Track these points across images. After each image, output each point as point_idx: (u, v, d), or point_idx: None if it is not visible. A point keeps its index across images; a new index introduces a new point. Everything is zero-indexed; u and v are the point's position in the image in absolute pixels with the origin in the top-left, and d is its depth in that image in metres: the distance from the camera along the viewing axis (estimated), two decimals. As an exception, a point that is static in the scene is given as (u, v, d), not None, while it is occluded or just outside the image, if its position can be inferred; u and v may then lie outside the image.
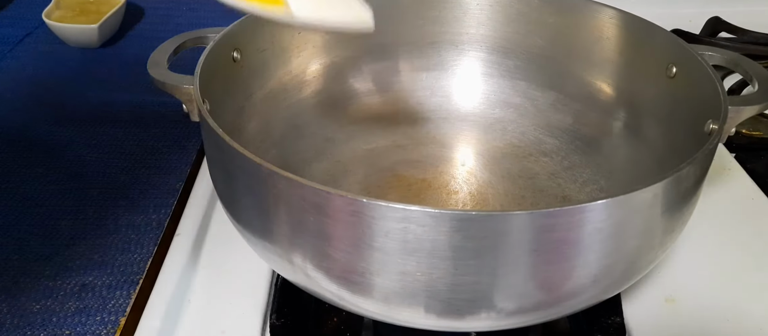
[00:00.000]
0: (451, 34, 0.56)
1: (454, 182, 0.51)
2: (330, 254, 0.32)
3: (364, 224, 0.30)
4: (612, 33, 0.50)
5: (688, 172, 0.34)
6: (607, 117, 0.51)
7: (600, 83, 0.52)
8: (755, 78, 0.42)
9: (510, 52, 0.55)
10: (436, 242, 0.30)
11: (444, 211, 0.29)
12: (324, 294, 0.35)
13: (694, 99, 0.43)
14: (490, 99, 0.56)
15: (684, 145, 0.42)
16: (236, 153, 0.33)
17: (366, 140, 0.54)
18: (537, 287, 0.32)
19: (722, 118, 0.38)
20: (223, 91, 0.44)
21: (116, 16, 0.76)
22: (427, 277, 0.31)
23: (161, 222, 0.50)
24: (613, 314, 0.42)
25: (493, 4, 0.54)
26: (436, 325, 0.34)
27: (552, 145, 0.53)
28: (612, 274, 0.34)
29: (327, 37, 0.52)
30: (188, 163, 0.57)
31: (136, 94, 0.66)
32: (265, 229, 0.35)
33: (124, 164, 0.56)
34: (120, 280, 0.45)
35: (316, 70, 0.53)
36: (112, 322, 0.42)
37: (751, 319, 0.43)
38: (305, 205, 0.31)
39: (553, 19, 0.53)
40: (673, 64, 0.45)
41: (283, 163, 0.48)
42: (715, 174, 0.55)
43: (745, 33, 0.74)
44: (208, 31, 0.45)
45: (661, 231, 0.35)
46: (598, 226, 0.31)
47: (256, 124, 0.48)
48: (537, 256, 0.31)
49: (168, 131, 0.61)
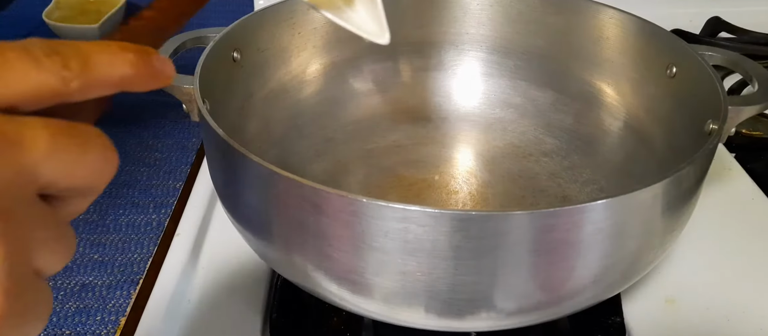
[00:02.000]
0: (451, 34, 0.56)
1: (454, 182, 0.51)
2: (330, 254, 0.32)
3: (364, 224, 0.30)
4: (612, 33, 0.50)
5: (688, 172, 0.34)
6: (607, 117, 0.51)
7: (600, 83, 0.52)
8: (755, 78, 0.42)
9: (510, 52, 0.55)
10: (436, 242, 0.30)
11: (444, 211, 0.29)
12: (324, 294, 0.35)
13: (694, 99, 0.43)
14: (490, 99, 0.56)
15: (684, 145, 0.42)
16: (236, 153, 0.33)
17: (366, 140, 0.54)
18: (537, 287, 0.32)
19: (722, 118, 0.38)
20: (223, 91, 0.44)
21: (116, 16, 0.76)
22: (428, 277, 0.31)
23: (161, 222, 0.50)
24: (613, 314, 0.42)
25: (493, 4, 0.54)
26: (436, 325, 0.34)
27: (552, 145, 0.53)
28: (612, 274, 0.34)
29: (327, 37, 0.52)
30: (188, 163, 0.57)
31: (136, 94, 0.66)
32: (265, 229, 0.35)
33: (124, 164, 0.56)
34: (120, 280, 0.45)
35: (316, 70, 0.53)
36: (112, 322, 0.42)
37: (751, 319, 0.43)
38: (305, 205, 0.31)
39: (553, 19, 0.53)
40: (673, 64, 0.45)
41: (283, 163, 0.48)
42: (715, 174, 0.55)
43: (745, 33, 0.73)
44: (208, 31, 0.45)
45: (661, 231, 0.35)
46: (598, 226, 0.31)
47: (256, 124, 0.48)
48: (537, 256, 0.31)
49: (168, 131, 0.61)
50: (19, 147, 0.19)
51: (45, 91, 0.20)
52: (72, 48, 0.21)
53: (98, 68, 0.21)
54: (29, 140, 0.19)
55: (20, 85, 0.20)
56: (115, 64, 0.22)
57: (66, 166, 0.20)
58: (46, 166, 0.20)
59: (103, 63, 0.21)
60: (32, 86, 0.20)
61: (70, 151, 0.20)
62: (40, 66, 0.20)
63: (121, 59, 0.22)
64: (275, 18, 0.49)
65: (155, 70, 0.23)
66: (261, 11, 0.48)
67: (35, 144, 0.19)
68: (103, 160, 0.21)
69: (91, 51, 0.21)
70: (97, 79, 0.21)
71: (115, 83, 0.22)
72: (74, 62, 0.20)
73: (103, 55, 0.21)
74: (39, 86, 0.20)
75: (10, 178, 0.19)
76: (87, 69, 0.21)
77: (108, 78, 0.22)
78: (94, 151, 0.21)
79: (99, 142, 0.21)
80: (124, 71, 0.22)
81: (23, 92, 0.20)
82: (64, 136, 0.20)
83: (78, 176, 0.21)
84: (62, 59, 0.20)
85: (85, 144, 0.21)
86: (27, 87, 0.20)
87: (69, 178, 0.20)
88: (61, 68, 0.20)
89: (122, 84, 0.22)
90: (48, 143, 0.19)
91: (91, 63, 0.21)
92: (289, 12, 0.49)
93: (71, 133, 0.20)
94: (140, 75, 0.23)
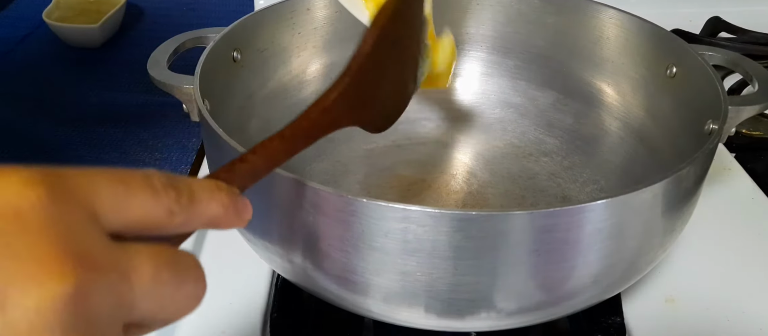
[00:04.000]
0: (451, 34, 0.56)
1: (454, 182, 0.51)
2: (330, 254, 0.32)
3: (364, 224, 0.30)
4: (612, 33, 0.50)
5: (688, 172, 0.34)
6: (607, 117, 0.51)
7: (600, 83, 0.52)
8: (755, 78, 0.42)
9: (510, 52, 0.55)
10: (436, 242, 0.30)
11: (444, 211, 0.29)
12: (324, 294, 0.35)
13: (694, 99, 0.43)
14: (490, 99, 0.56)
15: (684, 145, 0.42)
16: (236, 153, 0.33)
17: (366, 140, 0.54)
18: (537, 287, 0.32)
19: (722, 118, 0.38)
20: (223, 91, 0.44)
21: (116, 16, 0.76)
22: (428, 277, 0.31)
23: (161, 222, 0.50)
24: (613, 314, 0.42)
25: (493, 4, 0.54)
26: (436, 325, 0.34)
27: (552, 145, 0.53)
28: (612, 274, 0.34)
29: (327, 37, 0.52)
30: (188, 163, 0.57)
31: (136, 94, 0.66)
32: (265, 229, 0.35)
33: (124, 164, 0.56)
34: (120, 280, 0.45)
35: (316, 70, 0.53)
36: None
37: (751, 319, 0.43)
38: (305, 205, 0.31)
39: (553, 19, 0.53)
40: (673, 64, 0.45)
41: (283, 163, 0.48)
42: (715, 174, 0.55)
43: (745, 33, 0.73)
44: (208, 31, 0.45)
45: (661, 231, 0.35)
46: (598, 226, 0.31)
47: (256, 124, 0.48)
48: (537, 256, 0.31)
49: (168, 131, 0.61)
50: (126, 279, 0.18)
51: (152, 222, 0.20)
52: (184, 183, 0.21)
53: (198, 205, 0.21)
54: (135, 273, 0.18)
55: (137, 214, 0.19)
56: (211, 204, 0.21)
57: (162, 300, 0.19)
58: (144, 300, 0.19)
59: (203, 201, 0.21)
60: (146, 217, 0.19)
61: (169, 286, 0.19)
62: (158, 198, 0.20)
63: (217, 200, 0.22)
64: (275, 18, 0.49)
65: (239, 212, 0.23)
66: (261, 11, 0.48)
67: (140, 278, 0.18)
68: (194, 294, 0.20)
69: (196, 187, 0.21)
70: (196, 216, 0.21)
71: (206, 221, 0.22)
72: (185, 198, 0.20)
73: (204, 193, 0.21)
74: (151, 217, 0.20)
75: (108, 311, 0.18)
76: (191, 206, 0.21)
77: (203, 216, 0.21)
78: (190, 285, 0.20)
79: (194, 274, 0.20)
80: (216, 212, 0.22)
81: (136, 221, 0.19)
82: (167, 270, 0.19)
83: (168, 311, 0.20)
84: (176, 194, 0.20)
85: (183, 279, 0.20)
86: (141, 216, 0.19)
87: (159, 312, 0.20)
88: (173, 203, 0.20)
89: (211, 223, 0.22)
90: (151, 278, 0.19)
91: (194, 200, 0.21)
92: (289, 12, 0.49)
93: (173, 267, 0.20)
94: (227, 216, 0.22)
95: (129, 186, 0.19)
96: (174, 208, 0.20)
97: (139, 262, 0.19)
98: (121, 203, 0.19)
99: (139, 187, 0.19)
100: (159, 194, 0.20)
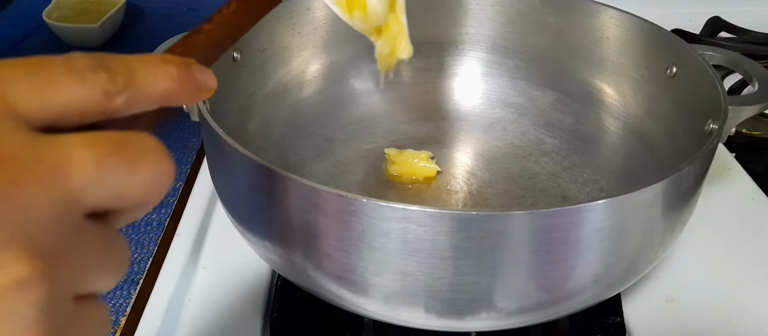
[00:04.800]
0: (451, 34, 0.56)
1: (454, 182, 0.51)
2: (330, 254, 0.32)
3: (364, 224, 0.30)
4: (612, 33, 0.50)
5: (688, 172, 0.34)
6: (607, 117, 0.51)
7: (600, 83, 0.52)
8: (755, 78, 0.42)
9: (510, 52, 0.55)
10: (436, 242, 0.30)
11: (444, 211, 0.29)
12: (324, 294, 0.35)
13: (694, 99, 0.43)
14: (490, 99, 0.56)
15: (684, 145, 0.42)
16: (236, 153, 0.33)
17: (366, 140, 0.54)
18: (537, 287, 0.32)
19: (722, 118, 0.38)
20: (223, 91, 0.44)
21: (116, 16, 0.76)
22: (428, 277, 0.31)
23: (161, 222, 0.50)
24: (613, 314, 0.42)
25: (493, 4, 0.54)
26: (436, 325, 0.34)
27: (552, 145, 0.53)
28: (612, 274, 0.34)
29: (327, 37, 0.52)
30: (188, 163, 0.57)
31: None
32: (265, 229, 0.35)
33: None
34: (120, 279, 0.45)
35: (316, 70, 0.53)
36: (112, 322, 0.42)
37: (751, 319, 0.43)
38: (305, 204, 0.31)
39: (553, 19, 0.53)
40: (673, 64, 0.45)
41: (283, 163, 0.49)
42: (715, 174, 0.55)
43: (745, 33, 0.73)
44: (208, 31, 0.45)
45: (661, 231, 0.35)
46: (598, 226, 0.31)
47: (256, 124, 0.48)
48: (537, 256, 0.31)
49: (168, 131, 0.61)
50: (61, 173, 0.17)
51: (89, 107, 0.19)
52: (117, 62, 0.20)
53: (142, 83, 0.20)
54: (71, 165, 0.17)
55: (63, 102, 0.18)
56: (158, 78, 0.20)
57: (114, 187, 0.18)
58: (91, 191, 0.18)
59: (147, 77, 0.20)
60: (76, 103, 0.18)
61: (119, 172, 0.18)
62: (85, 82, 0.18)
63: (164, 73, 0.21)
64: (275, 18, 0.49)
65: (197, 82, 0.22)
66: (261, 11, 0.48)
67: (78, 168, 0.17)
68: (156, 176, 0.19)
69: (134, 65, 0.20)
70: (141, 94, 0.20)
71: (158, 98, 0.21)
72: (120, 77, 0.19)
73: (146, 70, 0.20)
74: (83, 103, 0.18)
75: (52, 211, 0.17)
76: (131, 84, 0.20)
77: (151, 93, 0.20)
78: (146, 167, 0.19)
79: (152, 156, 0.19)
80: (166, 85, 0.21)
81: (66, 109, 0.18)
82: (111, 157, 0.18)
83: (128, 196, 0.19)
84: (108, 75, 0.19)
85: (135, 162, 0.19)
86: (70, 104, 0.18)
87: (118, 199, 0.19)
88: (107, 83, 0.19)
89: (166, 98, 0.21)
90: (92, 166, 0.18)
91: (135, 78, 0.20)
92: (289, 12, 0.49)
93: (119, 151, 0.18)
94: (183, 88, 0.21)
95: (47, 74, 0.18)
96: (110, 89, 0.19)
97: (72, 149, 0.18)
98: (42, 93, 0.18)
99: (59, 72, 0.18)
100: (85, 77, 0.18)
